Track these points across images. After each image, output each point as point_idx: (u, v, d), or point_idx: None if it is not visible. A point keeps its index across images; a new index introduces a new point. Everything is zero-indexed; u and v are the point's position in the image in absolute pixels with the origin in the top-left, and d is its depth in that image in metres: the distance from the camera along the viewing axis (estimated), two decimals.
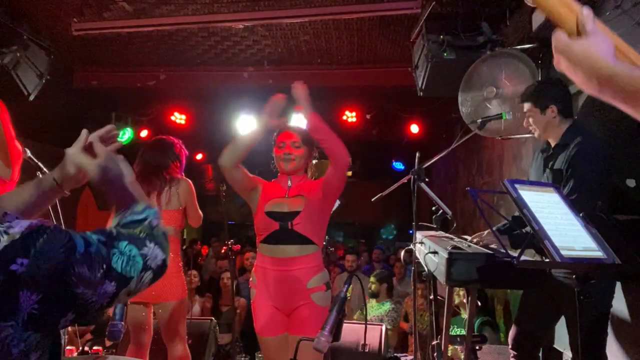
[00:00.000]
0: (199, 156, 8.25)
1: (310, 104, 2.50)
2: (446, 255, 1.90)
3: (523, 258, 1.68)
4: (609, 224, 1.78)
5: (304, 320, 2.45)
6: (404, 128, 6.86)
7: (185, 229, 4.31)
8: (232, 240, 3.71)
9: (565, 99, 2.51)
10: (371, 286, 5.24)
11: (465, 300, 3.63)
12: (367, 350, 3.62)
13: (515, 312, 2.77)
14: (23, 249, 0.82)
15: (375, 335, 3.76)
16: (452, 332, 3.65)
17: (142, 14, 4.23)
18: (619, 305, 2.43)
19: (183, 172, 3.29)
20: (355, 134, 6.81)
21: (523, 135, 3.60)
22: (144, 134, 6.75)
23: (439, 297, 2.68)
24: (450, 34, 3.86)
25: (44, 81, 4.38)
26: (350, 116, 6.49)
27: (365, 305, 2.72)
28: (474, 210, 5.79)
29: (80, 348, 3.87)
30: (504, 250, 1.82)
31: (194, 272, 5.82)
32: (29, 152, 2.41)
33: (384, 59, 5.38)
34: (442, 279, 1.97)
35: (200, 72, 5.76)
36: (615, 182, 2.47)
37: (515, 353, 2.60)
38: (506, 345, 2.69)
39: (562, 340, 2.79)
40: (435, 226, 2.70)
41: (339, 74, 5.64)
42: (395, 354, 4.11)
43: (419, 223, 2.75)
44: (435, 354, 2.45)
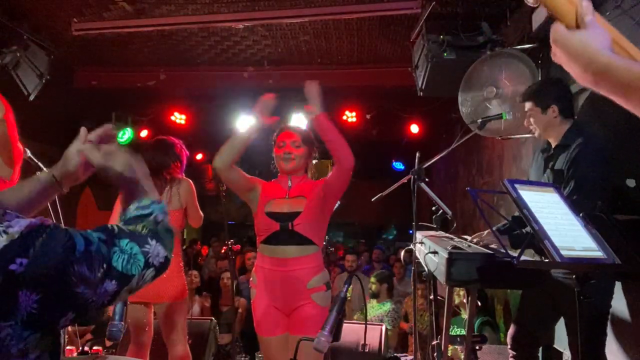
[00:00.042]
0: (199, 156, 8.25)
1: (321, 103, 2.50)
2: (446, 255, 1.90)
3: (523, 258, 1.68)
4: (609, 224, 1.77)
5: (305, 320, 2.45)
6: (404, 128, 6.86)
7: (185, 229, 4.30)
8: (232, 240, 3.71)
9: (567, 99, 2.51)
10: (371, 286, 5.24)
11: (465, 300, 3.63)
12: (367, 350, 3.62)
13: (515, 311, 2.76)
14: (22, 248, 0.82)
15: (375, 335, 3.75)
16: (452, 332, 3.65)
17: (142, 14, 4.23)
18: (619, 305, 2.43)
19: (184, 173, 3.30)
20: (355, 134, 6.80)
21: (523, 135, 3.60)
22: (144, 134, 6.75)
23: (439, 297, 2.68)
24: (450, 34, 3.86)
25: (44, 81, 4.38)
26: (350, 116, 6.49)
27: (365, 305, 2.71)
28: (474, 210, 5.79)
29: (80, 348, 3.87)
30: (504, 250, 1.82)
31: (195, 273, 5.82)
32: (29, 152, 2.42)
33: (384, 59, 5.39)
34: (442, 279, 1.97)
35: (200, 72, 5.76)
36: (615, 182, 2.47)
37: (514, 353, 2.59)
38: (506, 345, 2.68)
39: (562, 340, 2.79)
40: (435, 226, 2.70)
41: (339, 74, 5.64)
42: (395, 354, 4.11)
43: (419, 223, 2.75)
44: (435, 354, 2.45)
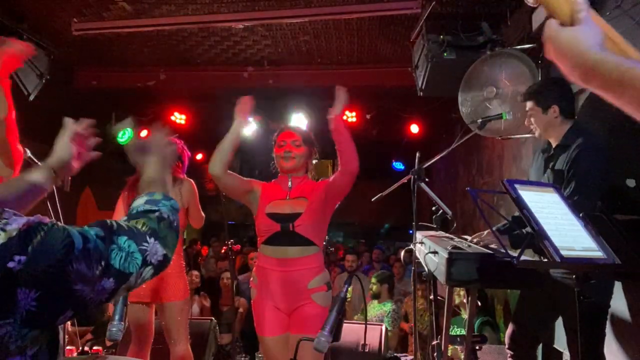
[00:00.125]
0: (199, 156, 8.23)
1: (344, 109, 2.63)
2: (446, 255, 1.90)
3: (523, 258, 1.68)
4: (609, 224, 1.77)
5: (305, 320, 2.45)
6: (404, 128, 6.86)
7: (185, 229, 4.30)
8: (232, 240, 3.71)
9: (568, 99, 2.50)
10: (372, 287, 5.24)
11: (465, 300, 3.63)
12: (367, 350, 3.62)
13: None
14: (21, 246, 0.82)
15: (375, 335, 3.75)
16: (452, 332, 3.65)
17: (142, 14, 4.23)
18: (619, 305, 2.43)
19: (185, 173, 3.30)
20: (355, 134, 6.71)
21: (523, 135, 3.60)
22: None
23: (439, 297, 2.68)
24: (450, 34, 3.86)
25: (44, 81, 4.38)
26: (350, 116, 6.48)
27: (365, 305, 2.71)
28: (474, 210, 5.79)
29: (80, 348, 3.87)
30: (504, 250, 1.82)
31: (195, 273, 5.82)
32: (29, 152, 2.42)
33: (384, 59, 5.38)
34: (442, 279, 1.97)
35: (200, 72, 5.76)
36: (615, 182, 2.47)
37: (513, 352, 2.59)
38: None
39: (561, 340, 2.79)
40: (435, 226, 2.70)
41: (339, 74, 5.63)
42: (395, 354, 4.11)
43: (419, 223, 2.75)
44: (435, 354, 2.45)
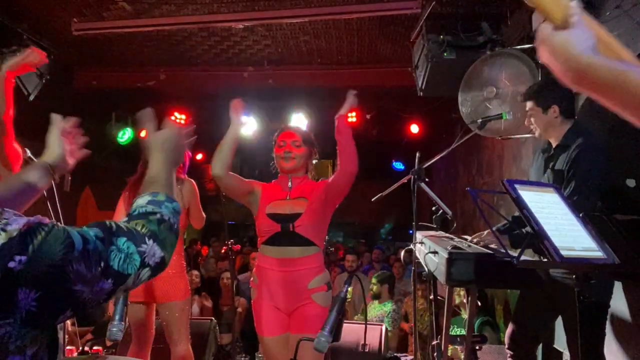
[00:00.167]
0: (199, 156, 8.25)
1: (350, 110, 2.69)
2: (446, 255, 1.90)
3: (523, 258, 1.68)
4: (609, 224, 1.77)
5: (305, 320, 2.45)
6: (404, 128, 6.86)
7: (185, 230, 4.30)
8: (232, 240, 3.71)
9: (568, 99, 2.50)
10: (372, 287, 5.23)
11: (465, 300, 3.63)
12: (367, 350, 3.62)
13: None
14: (21, 246, 0.82)
15: (375, 335, 3.75)
16: (452, 332, 3.65)
17: (142, 14, 4.23)
18: (619, 305, 2.43)
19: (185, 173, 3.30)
20: (355, 134, 6.72)
21: (523, 135, 3.60)
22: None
23: (439, 297, 2.68)
24: (450, 34, 3.85)
25: (44, 81, 4.38)
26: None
27: (365, 305, 2.71)
28: (474, 210, 5.79)
29: (81, 348, 3.87)
30: (504, 250, 1.82)
31: (195, 273, 5.83)
32: (29, 152, 2.42)
33: (384, 59, 5.38)
34: (442, 279, 1.97)
35: (200, 72, 5.75)
36: (615, 182, 2.47)
37: (512, 352, 2.59)
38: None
39: (561, 340, 2.79)
40: (435, 226, 2.70)
41: (339, 74, 5.63)
42: (395, 354, 4.11)
43: (419, 223, 2.75)
44: (435, 354, 2.45)
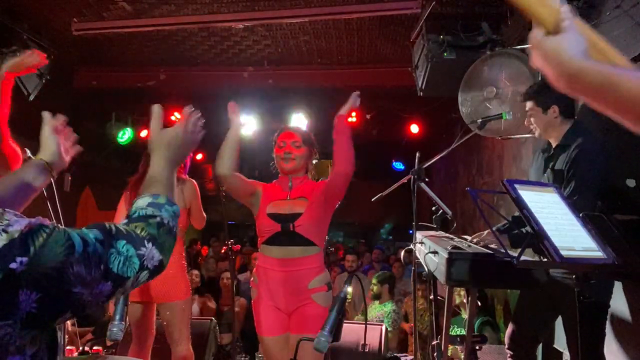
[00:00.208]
0: (199, 156, 8.25)
1: (351, 111, 2.66)
2: (446, 255, 1.90)
3: (523, 258, 1.68)
4: (609, 224, 1.77)
5: (306, 320, 2.45)
6: (404, 128, 6.86)
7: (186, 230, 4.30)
8: (232, 240, 3.70)
9: (568, 99, 2.49)
10: (373, 288, 5.23)
11: (465, 300, 3.63)
12: (367, 350, 3.62)
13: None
14: (22, 247, 0.82)
15: (375, 335, 3.75)
16: (452, 332, 3.65)
17: (142, 14, 4.24)
18: (619, 305, 2.42)
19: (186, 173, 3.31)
20: (355, 134, 6.74)
21: (523, 135, 3.60)
22: (144, 134, 6.75)
23: (439, 297, 2.68)
24: (450, 34, 3.86)
25: (44, 81, 4.38)
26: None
27: (365, 305, 2.71)
28: (474, 210, 5.79)
29: (81, 348, 3.87)
30: (504, 250, 1.82)
31: (195, 272, 5.82)
32: (29, 152, 2.42)
33: (384, 59, 5.38)
34: (442, 279, 1.97)
35: (200, 72, 5.75)
36: (615, 182, 2.46)
37: (512, 352, 2.59)
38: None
39: (561, 340, 2.79)
40: (435, 226, 2.70)
41: (339, 74, 5.63)
42: (395, 354, 4.11)
43: (419, 223, 2.75)
44: (435, 354, 2.45)
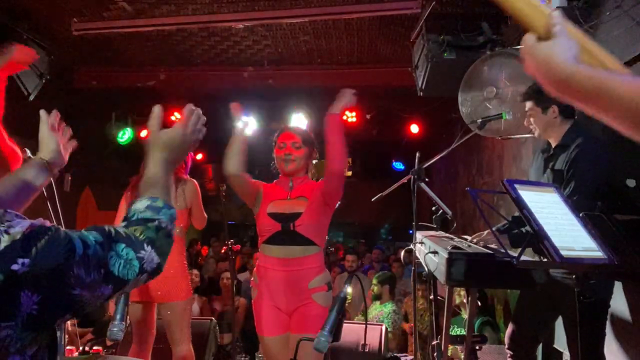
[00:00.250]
0: (199, 156, 8.25)
1: (343, 110, 2.57)
2: (446, 255, 1.90)
3: (523, 258, 1.68)
4: (609, 224, 1.78)
5: (306, 320, 2.45)
6: (404, 128, 6.86)
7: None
8: (232, 240, 3.71)
9: None
10: (373, 288, 5.22)
11: (465, 300, 3.63)
12: (367, 350, 3.62)
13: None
14: (24, 249, 0.82)
15: (375, 335, 3.75)
16: (452, 332, 3.65)
17: (142, 14, 4.23)
18: (619, 305, 2.42)
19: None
20: (355, 134, 6.79)
21: (523, 135, 3.60)
22: (144, 134, 6.76)
23: (439, 297, 2.68)
24: (450, 34, 3.86)
25: (44, 81, 4.38)
26: (350, 116, 6.48)
27: (365, 305, 2.71)
28: (474, 210, 5.79)
29: (81, 348, 3.87)
30: (504, 250, 1.82)
31: (195, 272, 5.82)
32: (29, 152, 2.42)
33: (384, 59, 5.38)
34: (442, 279, 1.97)
35: (200, 72, 5.75)
36: (615, 182, 2.46)
37: (512, 352, 2.59)
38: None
39: (562, 340, 2.79)
40: (435, 226, 2.70)
41: (339, 74, 5.63)
42: (395, 354, 4.11)
43: (419, 223, 2.75)
44: (435, 354, 2.45)
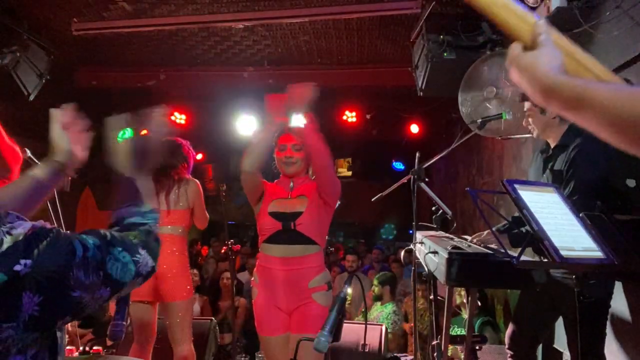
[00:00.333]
0: (199, 156, 8.25)
1: (308, 116, 2.50)
2: (446, 255, 1.90)
3: (523, 258, 1.68)
4: (609, 224, 1.78)
5: (306, 320, 2.46)
6: (404, 128, 6.87)
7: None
8: (232, 241, 3.71)
9: None
10: (374, 289, 5.21)
11: (465, 300, 3.63)
12: (367, 350, 3.62)
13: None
14: (26, 250, 0.83)
15: (375, 335, 3.75)
16: (452, 332, 3.65)
17: (142, 14, 4.24)
18: (619, 305, 2.43)
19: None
20: (355, 134, 6.81)
21: (523, 135, 3.59)
22: (143, 134, 6.75)
23: (439, 297, 2.68)
24: (450, 34, 3.86)
25: (44, 81, 4.38)
26: (350, 116, 6.49)
27: (365, 304, 2.71)
28: (474, 210, 5.79)
29: (81, 348, 3.87)
30: (503, 250, 1.82)
31: (195, 272, 5.82)
32: (29, 152, 2.42)
33: (384, 59, 5.39)
34: (442, 279, 1.97)
35: (200, 72, 5.76)
36: (615, 182, 2.46)
37: (512, 353, 2.59)
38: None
39: (562, 340, 2.79)
40: (435, 226, 2.70)
41: (339, 74, 5.63)
42: (395, 354, 4.11)
43: (419, 223, 2.75)
44: (435, 354, 2.45)
